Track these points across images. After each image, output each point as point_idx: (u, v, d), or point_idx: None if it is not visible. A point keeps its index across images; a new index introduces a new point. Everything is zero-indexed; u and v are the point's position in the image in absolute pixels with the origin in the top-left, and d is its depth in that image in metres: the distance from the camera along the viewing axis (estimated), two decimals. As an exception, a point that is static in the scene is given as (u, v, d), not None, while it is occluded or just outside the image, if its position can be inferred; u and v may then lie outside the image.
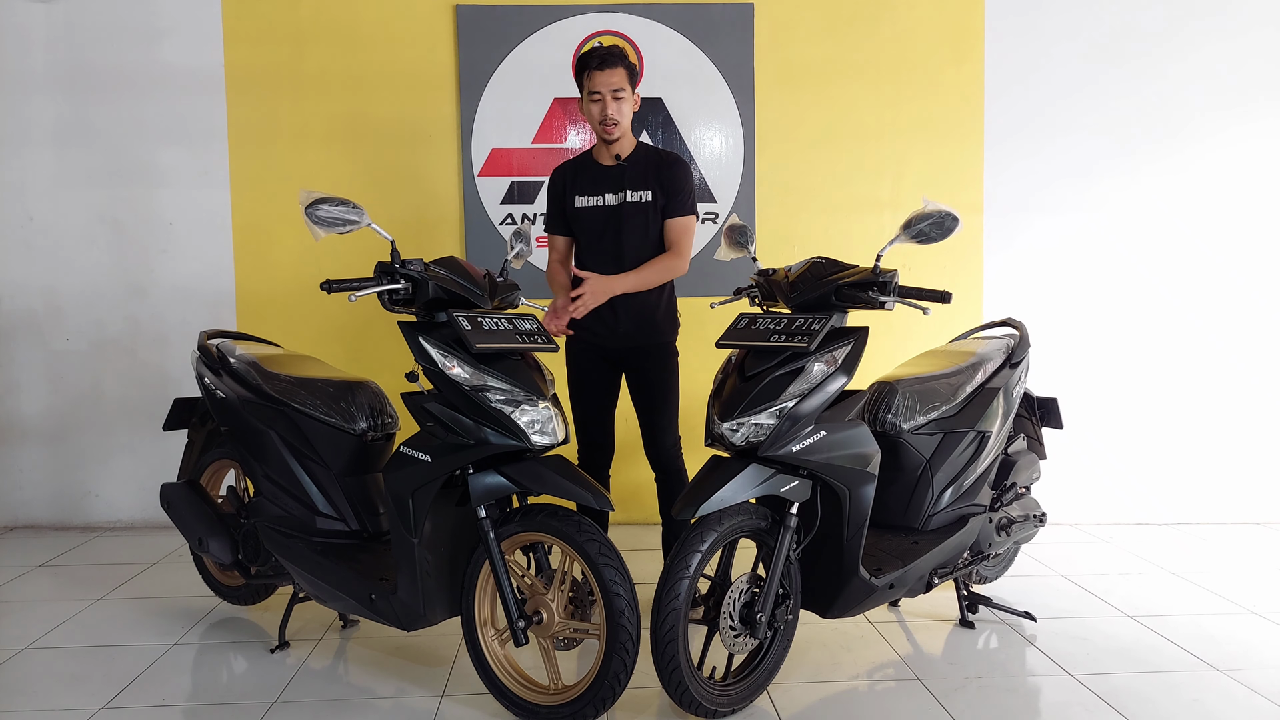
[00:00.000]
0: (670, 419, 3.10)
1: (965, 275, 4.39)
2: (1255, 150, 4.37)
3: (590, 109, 2.94)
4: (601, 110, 2.91)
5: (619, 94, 2.90)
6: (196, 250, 4.32)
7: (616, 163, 3.00)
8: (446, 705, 2.51)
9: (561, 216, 3.08)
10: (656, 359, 3.07)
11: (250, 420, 2.82)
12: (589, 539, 2.26)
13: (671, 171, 3.01)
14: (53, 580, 3.63)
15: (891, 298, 2.31)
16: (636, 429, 3.16)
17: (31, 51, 4.23)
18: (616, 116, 2.91)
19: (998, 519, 3.00)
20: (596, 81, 2.89)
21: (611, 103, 2.89)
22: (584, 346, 3.08)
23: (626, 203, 2.99)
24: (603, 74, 2.88)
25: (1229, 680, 2.64)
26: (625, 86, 2.92)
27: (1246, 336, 4.42)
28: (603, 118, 2.91)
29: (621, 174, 3.00)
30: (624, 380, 3.16)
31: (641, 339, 3.04)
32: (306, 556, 2.65)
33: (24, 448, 4.38)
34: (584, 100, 2.97)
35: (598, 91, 2.90)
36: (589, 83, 2.91)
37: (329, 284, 2.29)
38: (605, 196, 3.00)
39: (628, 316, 3.00)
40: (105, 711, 2.49)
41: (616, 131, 2.93)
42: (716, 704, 2.36)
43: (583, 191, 3.02)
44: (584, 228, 3.03)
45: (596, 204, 3.00)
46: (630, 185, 2.99)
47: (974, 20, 4.33)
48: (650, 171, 3.01)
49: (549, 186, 3.10)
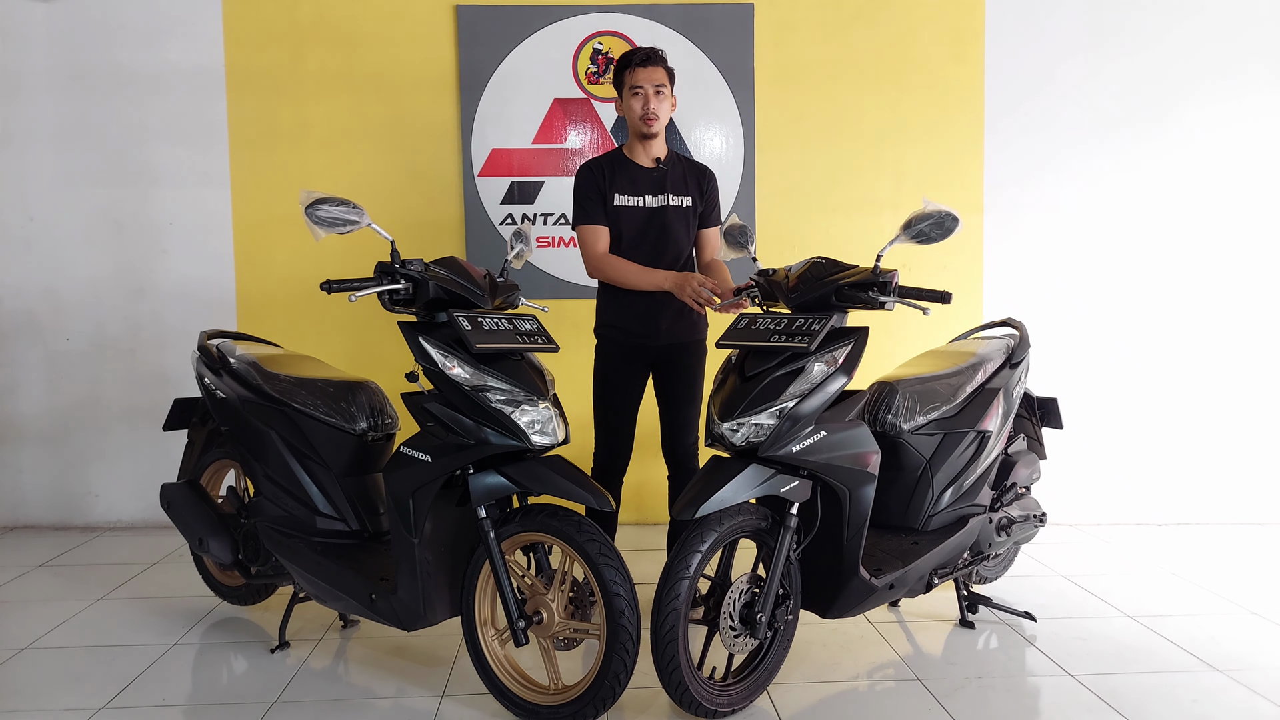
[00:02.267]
0: (694, 416, 3.13)
1: (965, 275, 4.39)
2: (1258, 152, 4.37)
3: (632, 103, 2.97)
4: (644, 104, 2.95)
5: (660, 89, 2.96)
6: (197, 250, 4.32)
7: (657, 165, 3.05)
8: (446, 705, 2.51)
9: (602, 208, 3.02)
10: (691, 355, 3.10)
11: (250, 420, 2.82)
12: (589, 539, 2.26)
13: (711, 183, 3.14)
14: (53, 580, 3.63)
15: (891, 298, 2.31)
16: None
17: (32, 51, 4.23)
18: (657, 111, 2.95)
19: (998, 519, 3.00)
20: (639, 76, 2.94)
21: (653, 97, 2.94)
22: (618, 348, 3.09)
23: (670, 206, 3.03)
24: (645, 70, 2.95)
25: (1229, 680, 2.64)
26: (666, 84, 2.98)
27: (1246, 337, 4.42)
28: (644, 111, 2.95)
29: (664, 177, 3.04)
30: (649, 381, 3.16)
31: (680, 336, 3.07)
32: (307, 556, 2.65)
33: (24, 448, 4.38)
34: (624, 97, 3.00)
35: (640, 85, 2.94)
36: (631, 78, 2.95)
37: (329, 284, 2.29)
38: (646, 198, 3.02)
39: (667, 315, 3.03)
40: (105, 711, 2.49)
41: (656, 125, 2.97)
42: (716, 704, 2.36)
43: (622, 190, 3.02)
44: (623, 226, 3.03)
45: (637, 204, 3.01)
46: (672, 189, 3.04)
47: (974, 20, 4.33)
48: (691, 179, 3.09)
49: (583, 181, 3.04)
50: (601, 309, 3.14)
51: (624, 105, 3.02)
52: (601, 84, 4.29)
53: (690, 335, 3.09)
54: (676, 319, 3.05)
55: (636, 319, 3.02)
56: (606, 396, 3.11)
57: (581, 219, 3.04)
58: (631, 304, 3.02)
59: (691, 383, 3.11)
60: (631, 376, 3.10)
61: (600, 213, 3.02)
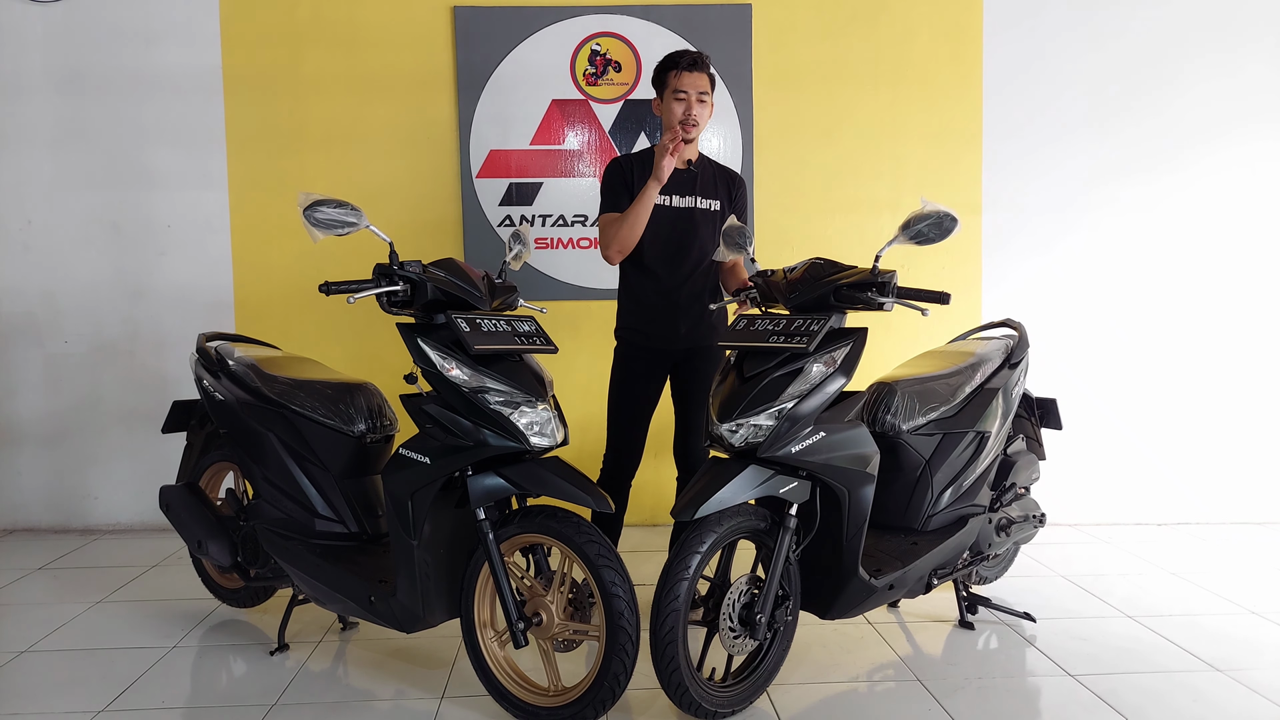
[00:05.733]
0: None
1: (964, 275, 4.39)
2: (1255, 150, 4.37)
3: (673, 107, 2.96)
4: (686, 110, 2.94)
5: (703, 97, 2.96)
6: (195, 253, 4.32)
7: (689, 167, 3.05)
8: (446, 707, 2.51)
9: (629, 202, 2.98)
10: (709, 359, 3.10)
11: (249, 422, 2.81)
12: (588, 540, 2.25)
13: (741, 189, 3.16)
14: (52, 583, 3.63)
15: (890, 298, 2.31)
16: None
17: (30, 53, 4.23)
18: (698, 118, 2.95)
19: (997, 519, 3.00)
20: (685, 81, 2.93)
21: (696, 105, 2.94)
22: (638, 350, 3.08)
23: (698, 208, 3.04)
24: (691, 75, 2.94)
25: (1229, 680, 2.64)
26: (709, 91, 2.98)
27: (1246, 336, 4.42)
28: (685, 117, 2.94)
29: (694, 179, 3.05)
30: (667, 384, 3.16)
31: (699, 339, 3.07)
32: (305, 559, 2.64)
33: (23, 450, 4.38)
34: (665, 99, 2.98)
35: (684, 91, 2.93)
36: (676, 81, 2.94)
37: (327, 286, 2.28)
38: (674, 198, 3.02)
39: (687, 319, 3.03)
40: (105, 714, 2.49)
41: (695, 132, 2.97)
42: (716, 705, 2.36)
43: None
44: (649, 225, 3.00)
45: (664, 203, 3.01)
46: (701, 192, 3.05)
47: (973, 20, 4.34)
48: (720, 183, 3.10)
49: (612, 174, 3.03)
50: (623, 311, 3.14)
51: (664, 106, 3.00)
52: (600, 85, 4.29)
53: (709, 339, 3.08)
54: (697, 322, 3.05)
55: (657, 322, 3.03)
56: (622, 399, 3.09)
57: (607, 208, 3.03)
58: (653, 307, 3.03)
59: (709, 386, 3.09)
60: (650, 380, 3.09)
61: (624, 205, 2.99)
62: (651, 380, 3.10)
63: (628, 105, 4.30)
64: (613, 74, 4.28)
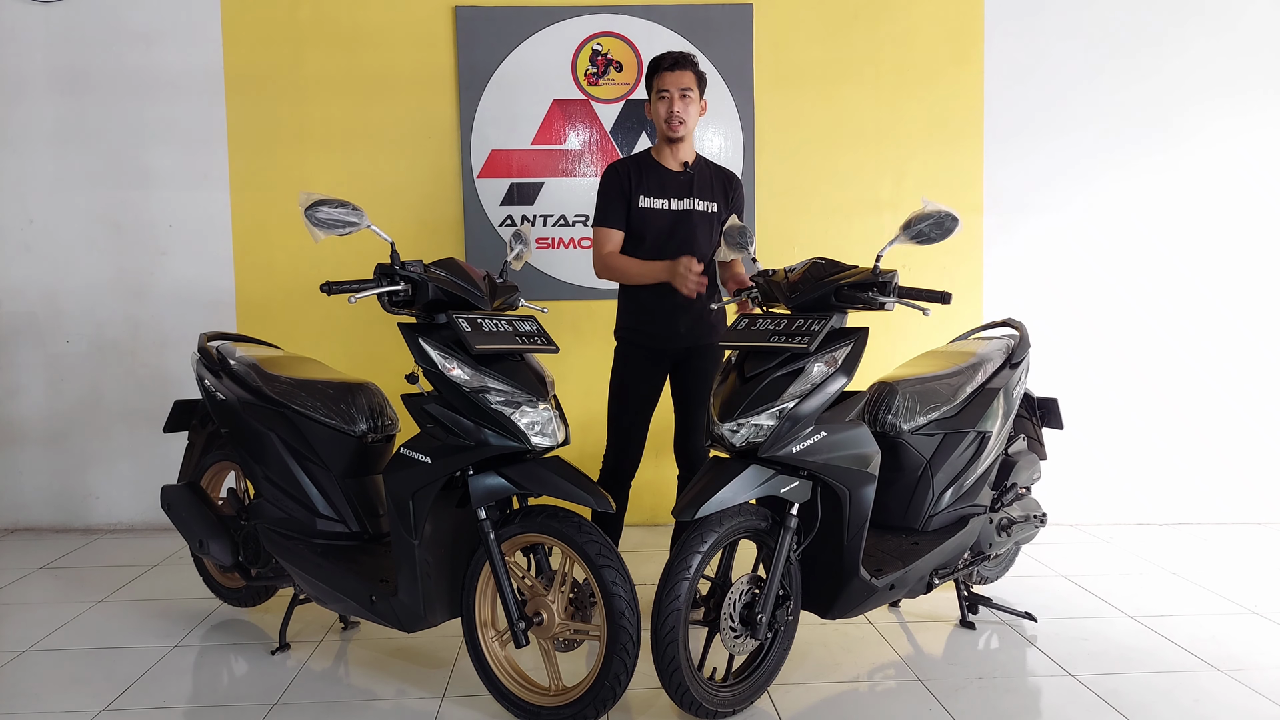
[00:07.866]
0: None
1: (965, 275, 4.39)
2: (1255, 149, 4.37)
3: (658, 107, 3.00)
4: (668, 108, 2.96)
5: (686, 94, 2.97)
6: (196, 252, 4.32)
7: (685, 170, 3.06)
8: (447, 707, 2.51)
9: (624, 212, 3.03)
10: (709, 357, 3.11)
11: (250, 422, 2.81)
12: (589, 540, 2.26)
13: (738, 190, 3.17)
14: (53, 582, 3.63)
15: (891, 298, 2.31)
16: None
17: (31, 53, 4.24)
18: (683, 115, 2.97)
19: (998, 519, 3.00)
20: (666, 80, 2.97)
21: (679, 101, 2.96)
22: (637, 350, 3.09)
23: (695, 210, 3.05)
24: (673, 74, 2.97)
25: (1229, 680, 2.64)
26: (693, 88, 2.99)
27: (1246, 336, 4.42)
28: (669, 115, 2.97)
29: (690, 181, 3.06)
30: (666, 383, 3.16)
31: (699, 338, 3.08)
32: (307, 558, 2.64)
33: (24, 450, 4.38)
34: (652, 100, 3.02)
35: (666, 90, 2.96)
36: (658, 82, 2.98)
37: (329, 286, 2.29)
38: (671, 201, 3.03)
39: (687, 318, 3.04)
40: (106, 714, 2.49)
41: (682, 130, 2.98)
42: (717, 705, 2.36)
43: (648, 192, 3.03)
44: (647, 228, 3.03)
45: (662, 206, 3.02)
46: (698, 194, 3.06)
47: (974, 20, 4.34)
48: (717, 185, 3.11)
49: (608, 182, 3.05)
50: (622, 312, 3.15)
51: (652, 108, 3.04)
52: (601, 85, 4.29)
53: (709, 338, 3.09)
54: (696, 321, 3.06)
55: (657, 322, 3.03)
56: (622, 399, 3.10)
57: (599, 220, 3.07)
58: (652, 307, 3.03)
59: (709, 384, 3.11)
60: (650, 379, 3.10)
61: (619, 217, 3.03)
62: (651, 380, 3.10)
63: (629, 105, 4.30)
64: (614, 74, 4.28)
